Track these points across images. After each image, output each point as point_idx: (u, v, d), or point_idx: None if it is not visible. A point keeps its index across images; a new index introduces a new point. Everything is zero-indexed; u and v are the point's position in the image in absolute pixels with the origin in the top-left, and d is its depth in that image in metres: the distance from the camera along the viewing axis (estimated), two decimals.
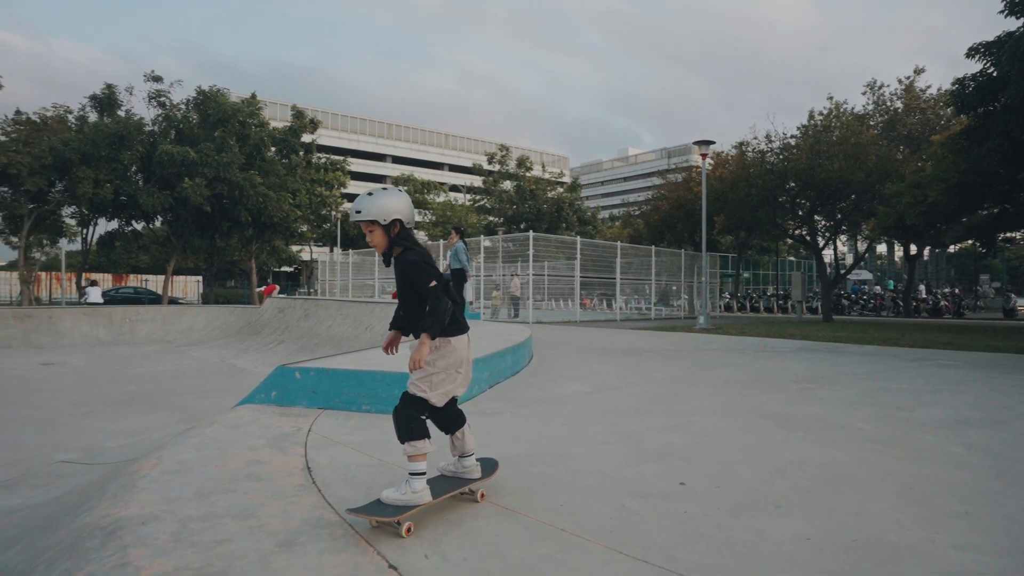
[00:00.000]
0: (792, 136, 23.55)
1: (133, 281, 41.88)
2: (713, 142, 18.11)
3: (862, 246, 37.78)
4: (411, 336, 2.79)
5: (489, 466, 3.07)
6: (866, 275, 47.17)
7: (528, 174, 44.79)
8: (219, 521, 2.64)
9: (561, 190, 46.63)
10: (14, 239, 32.49)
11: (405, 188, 46.70)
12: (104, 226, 30.80)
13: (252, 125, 28.64)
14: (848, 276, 34.54)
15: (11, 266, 52.05)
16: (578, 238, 22.70)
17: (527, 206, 43.28)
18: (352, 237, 38.87)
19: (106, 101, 27.75)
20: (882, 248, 53.98)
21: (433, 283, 2.61)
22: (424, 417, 2.69)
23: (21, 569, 2.68)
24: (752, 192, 22.64)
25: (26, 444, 6.52)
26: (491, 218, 46.39)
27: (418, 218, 48.13)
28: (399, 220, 2.71)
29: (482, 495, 2.92)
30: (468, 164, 64.11)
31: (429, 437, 2.67)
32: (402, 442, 2.64)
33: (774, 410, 5.28)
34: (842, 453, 3.93)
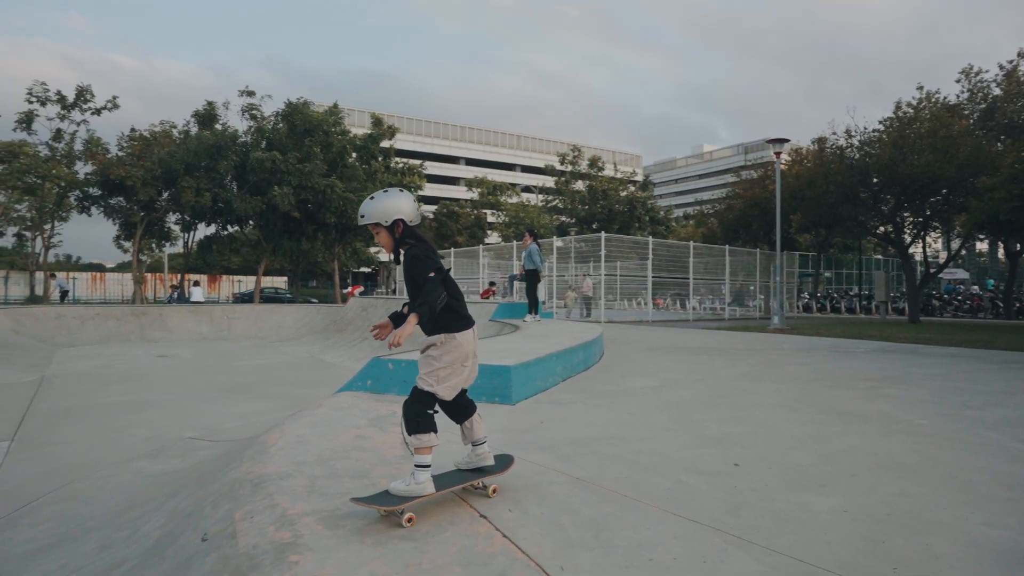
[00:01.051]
0: (875, 130, 22.74)
1: (225, 282, 44.83)
2: (787, 140, 17.84)
3: (956, 244, 35.74)
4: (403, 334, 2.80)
5: (504, 461, 3.09)
6: (962, 274, 44.44)
7: (600, 174, 44.88)
8: (340, 479, 3.22)
9: (633, 189, 46.46)
10: (127, 244, 35.61)
11: (479, 190, 47.74)
12: (203, 230, 33.27)
13: (335, 134, 30.24)
14: (941, 275, 32.79)
15: (119, 267, 56.72)
16: (650, 238, 22.79)
17: (599, 206, 43.38)
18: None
19: (206, 116, 30.05)
20: (983, 246, 50.65)
21: (431, 273, 2.69)
22: (432, 412, 2.76)
23: (191, 509, 3.37)
24: (830, 189, 22.03)
25: (160, 423, 7.51)
26: (563, 218, 46.75)
27: (491, 219, 49.09)
28: (401, 220, 2.79)
29: (494, 490, 2.94)
30: (540, 165, 64.74)
31: (435, 431, 2.73)
32: (409, 435, 2.71)
33: (836, 406, 5.48)
34: (896, 445, 4.15)
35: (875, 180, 22.42)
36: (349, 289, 22.48)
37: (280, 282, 47.45)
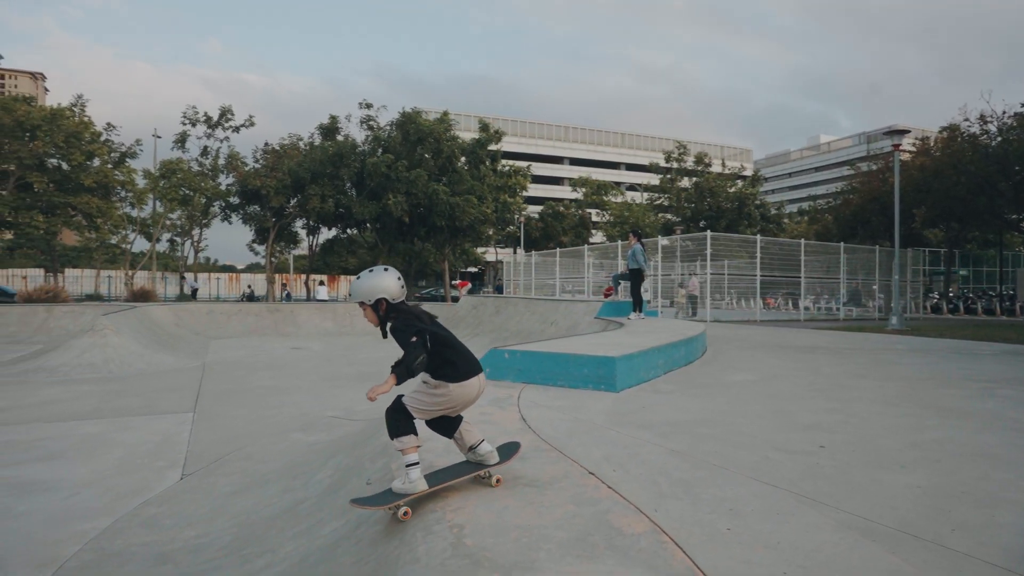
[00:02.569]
0: (1016, 114, 20.99)
1: (343, 282, 48.01)
2: (907, 131, 16.95)
3: None
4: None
5: (508, 450, 3.26)
6: None
7: (707, 171, 43.92)
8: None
9: (741, 185, 45.05)
10: (259, 247, 39.19)
11: (583, 190, 48.04)
12: (325, 234, 35.99)
13: (445, 140, 31.78)
14: None
15: (248, 268, 62.13)
16: (759, 236, 22.30)
17: (706, 204, 42.48)
18: (534, 239, 41.11)
19: (329, 128, 32.57)
20: None
21: (413, 338, 2.86)
22: (410, 418, 2.96)
23: (352, 464, 4.19)
24: (961, 180, 20.60)
25: (303, 404, 8.65)
26: (668, 217, 46.16)
27: (595, 218, 49.28)
28: (383, 298, 2.96)
29: (498, 480, 3.10)
30: (644, 162, 64.08)
31: (415, 433, 2.96)
32: (392, 439, 2.97)
33: (940, 403, 5.55)
34: (994, 438, 4.28)
35: (1017, 169, 20.70)
36: (458, 282, 23.77)
37: None
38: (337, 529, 3.28)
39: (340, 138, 32.18)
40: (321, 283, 28.16)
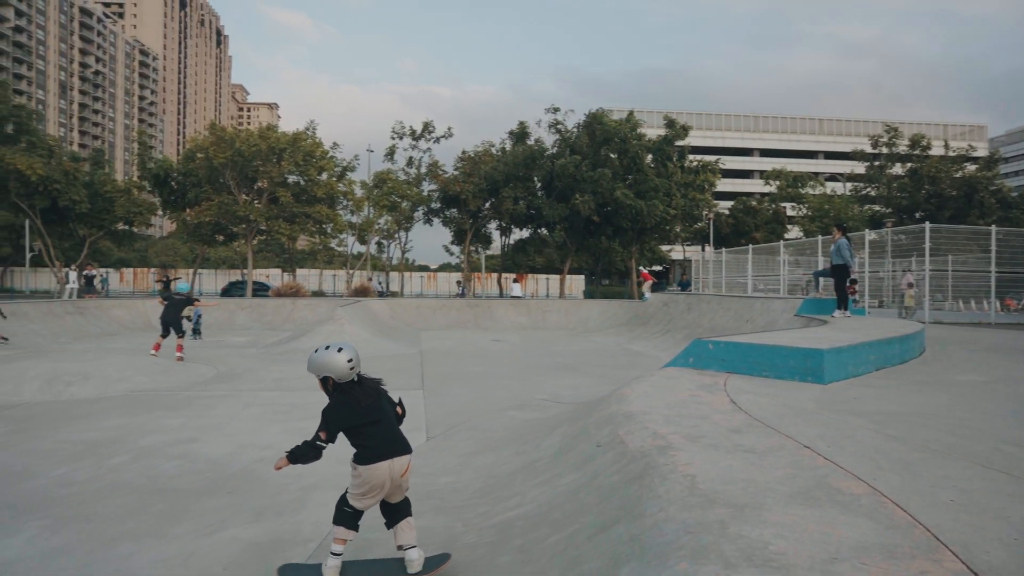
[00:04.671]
0: None
1: (531, 281, 50.16)
2: None
3: None
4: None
5: (432, 563, 3.28)
6: None
7: (925, 154, 38.99)
8: (687, 418, 4.33)
9: (972, 168, 39.32)
10: (454, 248, 42.43)
11: (777, 183, 45.19)
12: (516, 234, 37.96)
13: (631, 139, 31.96)
14: None
15: (441, 268, 67.15)
16: (993, 228, 19.60)
17: (924, 192, 37.77)
18: (724, 236, 39.66)
19: (519, 134, 34.39)
20: None
21: (322, 434, 3.15)
22: (350, 511, 3.23)
23: (576, 433, 4.84)
24: None
25: (512, 388, 9.60)
26: (876, 208, 41.76)
27: (790, 212, 46.08)
28: (330, 377, 3.18)
29: None
30: (847, 150, 58.44)
31: (348, 527, 3.23)
32: (333, 524, 3.27)
33: None
34: None
35: None
36: (643, 272, 23.89)
37: (577, 280, 51.30)
38: (576, 479, 3.92)
39: (530, 142, 33.81)
40: (515, 280, 29.95)
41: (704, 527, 2.45)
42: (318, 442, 3.18)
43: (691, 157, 37.42)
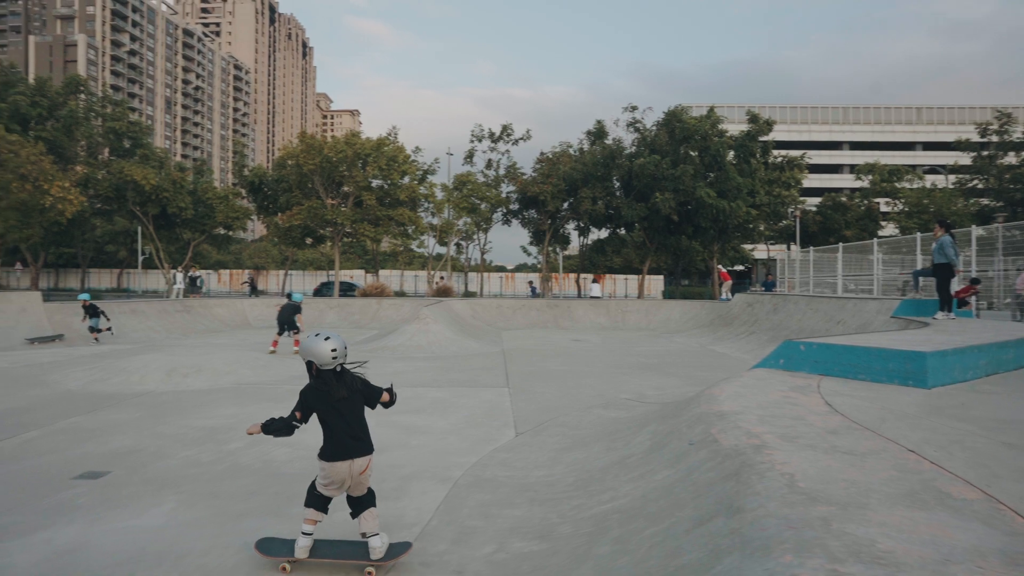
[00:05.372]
0: None
1: (609, 281, 49.77)
2: None
3: None
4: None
5: (395, 550, 3.55)
6: None
7: None
8: (781, 419, 4.30)
9: None
10: (531, 248, 42.69)
11: (870, 177, 42.75)
12: (594, 234, 37.80)
13: (712, 136, 31.19)
14: None
15: (517, 268, 67.64)
16: None
17: None
18: (811, 234, 37.99)
19: (597, 133, 34.26)
20: None
21: (297, 414, 3.44)
22: (318, 494, 3.52)
23: (668, 431, 4.89)
24: None
25: (597, 387, 9.68)
26: (985, 202, 38.80)
27: (885, 208, 43.56)
28: (312, 362, 3.44)
29: (369, 573, 3.41)
30: (949, 139, 54.53)
31: (317, 508, 3.52)
32: (304, 507, 3.57)
33: None
34: None
35: None
36: (721, 271, 23.17)
37: (655, 280, 50.48)
38: (670, 475, 3.99)
39: (608, 142, 33.61)
40: (594, 281, 29.89)
41: (806, 523, 2.49)
42: (293, 421, 3.46)
43: (776, 153, 36.09)
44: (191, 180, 34.37)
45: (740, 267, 55.40)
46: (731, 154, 32.87)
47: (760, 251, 51.76)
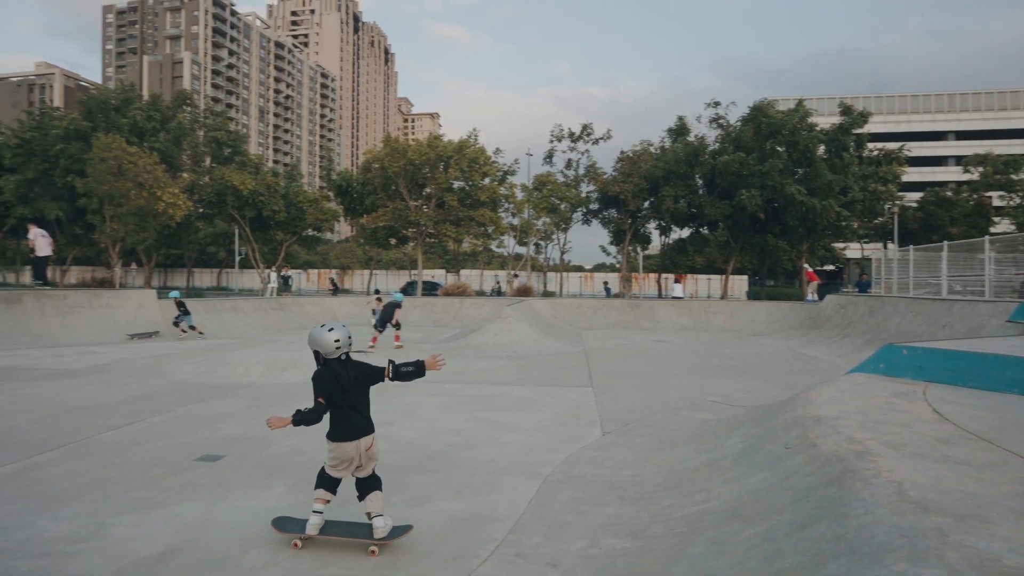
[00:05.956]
0: None
1: (690, 281, 48.60)
2: None
3: None
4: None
5: (397, 531, 3.79)
6: None
7: None
8: (885, 425, 4.14)
9: None
10: (611, 248, 42.30)
11: (980, 169, 39.59)
12: (675, 233, 37.05)
13: (800, 131, 29.85)
14: None
15: (598, 268, 67.06)
16: None
17: None
18: (911, 231, 35.71)
19: (678, 130, 33.55)
20: None
21: (319, 399, 3.66)
22: (327, 476, 3.81)
23: (760, 434, 4.80)
24: None
25: (682, 389, 9.54)
26: None
27: (998, 203, 40.28)
28: (318, 351, 3.74)
29: (372, 552, 3.68)
30: None
31: (327, 489, 3.81)
32: (315, 488, 3.83)
33: None
34: None
35: None
36: (807, 271, 22.03)
37: (738, 281, 48.84)
38: (765, 479, 3.93)
39: (690, 138, 32.86)
40: (676, 281, 29.31)
41: (920, 533, 2.42)
42: (319, 407, 3.70)
43: (871, 146, 34.11)
44: (284, 184, 36.21)
45: (830, 267, 52.73)
46: (821, 149, 31.37)
47: (853, 250, 49.06)
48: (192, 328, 16.95)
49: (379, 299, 20.45)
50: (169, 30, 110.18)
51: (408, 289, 39.96)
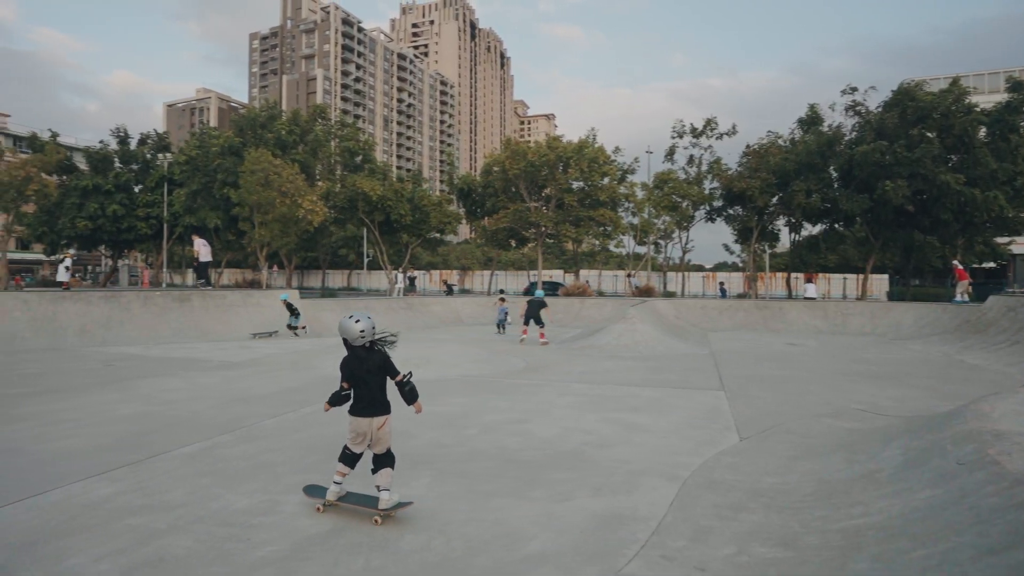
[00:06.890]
0: None
1: (822, 280, 45.42)
2: None
3: None
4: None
5: (398, 505, 4.22)
6: None
7: None
8: None
9: None
10: (738, 247, 40.52)
11: None
12: (807, 230, 34.87)
13: (956, 113, 26.97)
14: None
15: (720, 267, 64.35)
16: None
17: None
18: None
19: (810, 120, 31.52)
20: None
21: (344, 384, 4.20)
22: (348, 452, 4.24)
23: (925, 447, 4.45)
24: None
25: (822, 394, 8.99)
26: None
27: None
28: (345, 339, 4.19)
29: (376, 520, 4.13)
30: None
31: (348, 465, 4.25)
32: (337, 461, 4.31)
33: None
34: None
35: None
36: (956, 267, 19.76)
37: (877, 280, 45.01)
38: (936, 496, 3.65)
39: (823, 128, 30.78)
40: (808, 280, 27.55)
41: None
42: (342, 390, 4.23)
43: None
44: (410, 189, 38.00)
45: (990, 264, 47.28)
46: (982, 132, 28.14)
47: (1020, 245, 43.71)
48: (290, 328, 17.43)
49: (503, 299, 20.94)
50: (304, 50, 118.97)
51: (531, 289, 40.58)
